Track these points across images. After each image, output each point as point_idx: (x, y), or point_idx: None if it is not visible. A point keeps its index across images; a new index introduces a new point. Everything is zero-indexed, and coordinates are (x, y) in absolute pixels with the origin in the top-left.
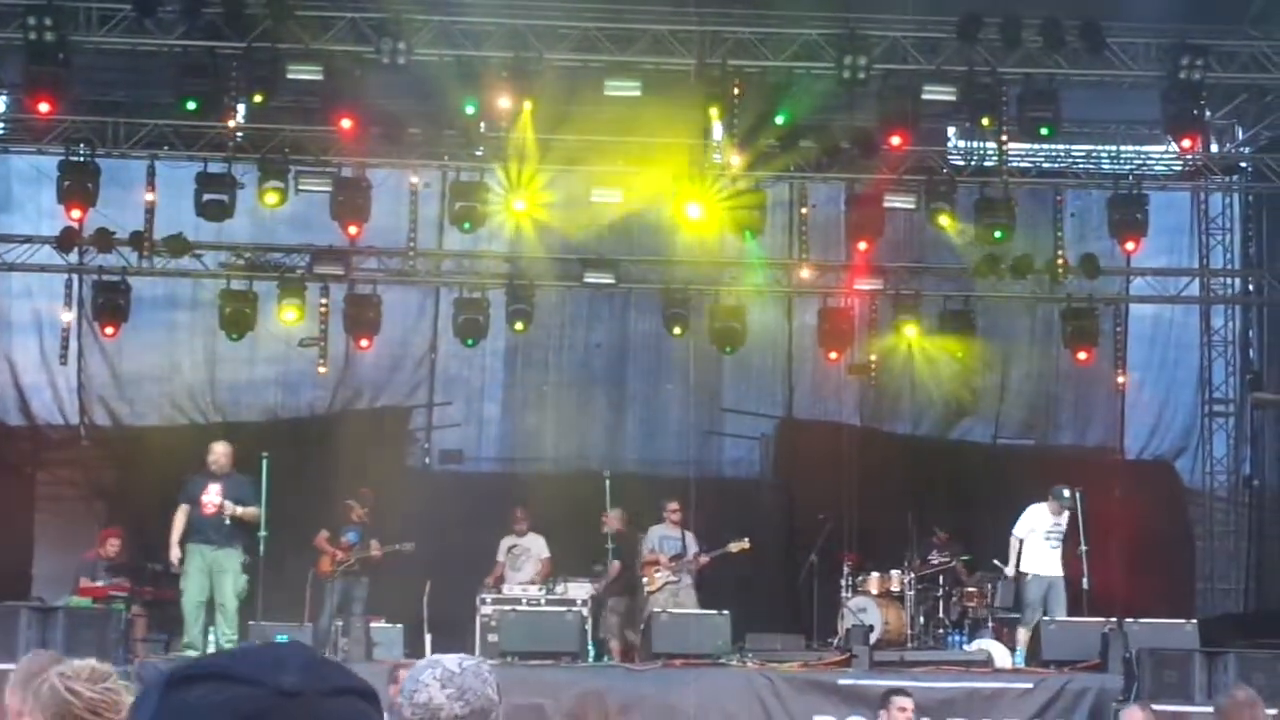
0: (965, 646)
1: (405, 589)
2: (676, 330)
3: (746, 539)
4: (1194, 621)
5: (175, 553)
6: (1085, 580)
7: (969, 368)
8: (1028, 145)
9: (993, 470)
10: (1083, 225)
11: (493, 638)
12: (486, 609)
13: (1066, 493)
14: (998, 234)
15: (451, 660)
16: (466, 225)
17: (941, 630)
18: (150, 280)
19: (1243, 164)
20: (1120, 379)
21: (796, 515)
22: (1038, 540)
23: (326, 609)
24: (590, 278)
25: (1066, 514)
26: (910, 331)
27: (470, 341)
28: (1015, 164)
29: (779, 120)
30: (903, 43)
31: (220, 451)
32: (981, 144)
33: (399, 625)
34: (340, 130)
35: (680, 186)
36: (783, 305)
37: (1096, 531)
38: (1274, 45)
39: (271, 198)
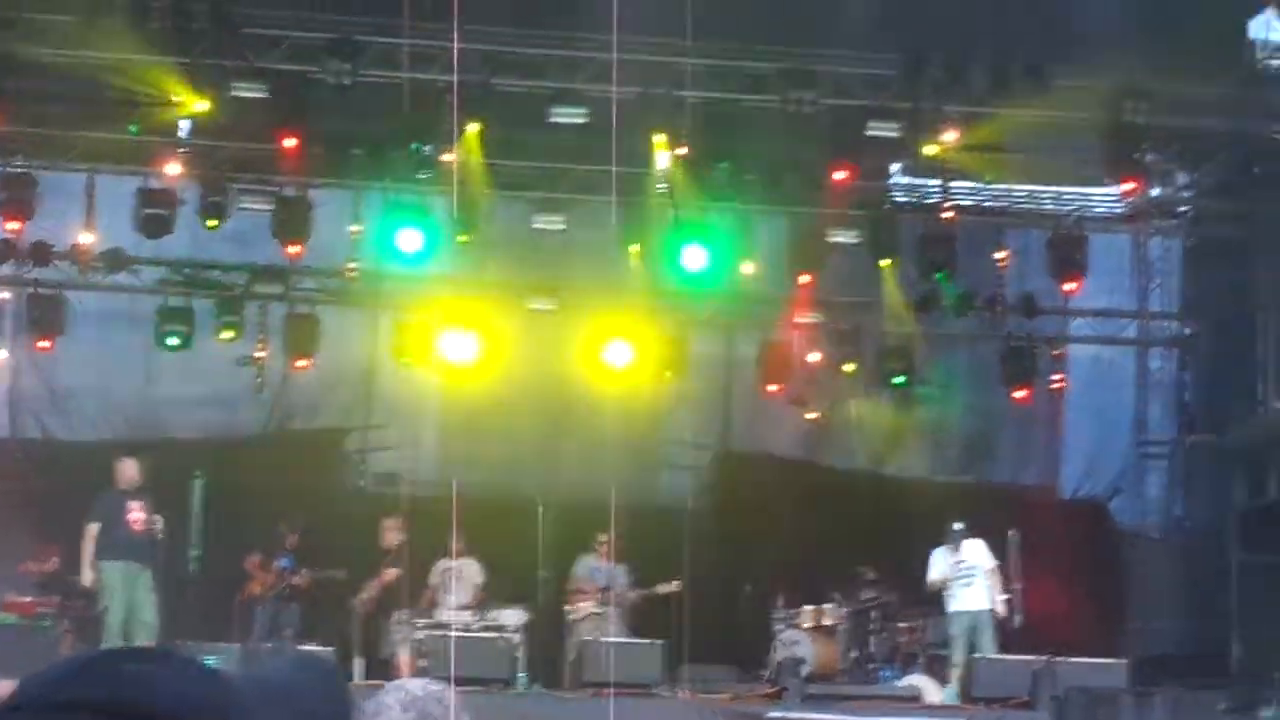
0: (896, 682)
1: (337, 613)
2: (616, 358)
3: (676, 581)
4: (1124, 661)
5: (90, 575)
6: (1018, 618)
7: (906, 402)
8: (970, 183)
9: (929, 506)
10: (1023, 264)
11: (423, 663)
12: (418, 633)
13: (957, 527)
14: (938, 275)
15: (416, 685)
16: (408, 248)
17: (873, 665)
18: (87, 294)
19: (1183, 208)
20: (1057, 418)
21: (733, 547)
22: (962, 575)
23: (255, 632)
24: (532, 303)
25: (968, 546)
26: (848, 366)
27: (408, 363)
28: (958, 202)
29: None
30: (849, 78)
31: (132, 468)
32: (925, 180)
33: (330, 649)
34: (283, 149)
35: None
36: (723, 336)
37: (1030, 569)
38: (1215, 90)
39: (211, 220)
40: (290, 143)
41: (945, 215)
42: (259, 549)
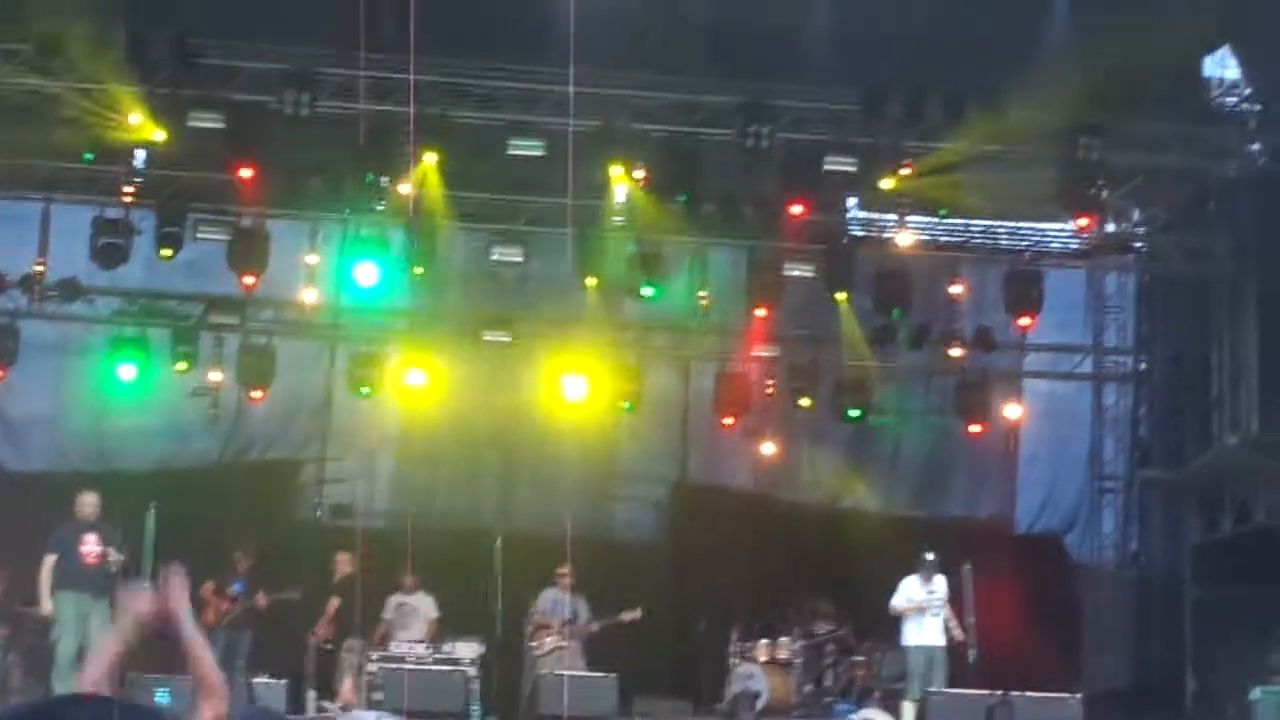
0: (851, 716)
1: (290, 644)
2: (573, 390)
3: (639, 608)
4: (1079, 696)
5: (47, 605)
6: (972, 652)
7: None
8: (926, 218)
9: (884, 540)
10: (979, 299)
11: (378, 696)
12: (372, 665)
13: (930, 557)
14: (895, 312)
15: (369, 716)
16: (365, 280)
17: (828, 699)
18: (41, 324)
19: (1138, 244)
20: (1012, 453)
21: (689, 580)
22: (915, 611)
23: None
24: (488, 336)
25: (939, 579)
26: (804, 400)
27: (363, 393)
28: (914, 236)
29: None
30: (807, 113)
31: (91, 501)
32: (881, 215)
33: (283, 681)
34: (240, 179)
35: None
36: (680, 369)
37: (985, 604)
38: (1171, 128)
39: (166, 250)
40: (247, 173)
41: (902, 250)
42: (212, 577)
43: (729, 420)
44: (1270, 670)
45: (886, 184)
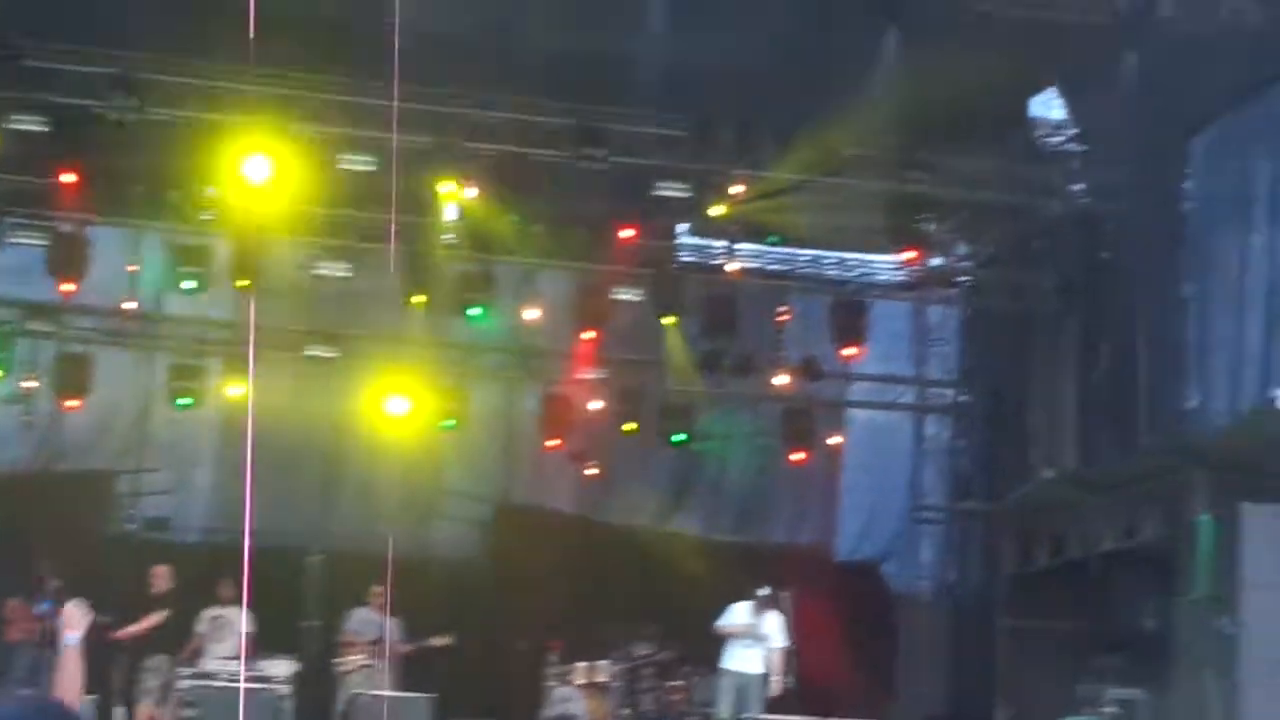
0: None
1: (100, 661)
2: (396, 408)
3: (450, 635)
4: None
5: None
6: (789, 678)
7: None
8: (755, 246)
9: (706, 565)
10: (805, 328)
11: (189, 713)
12: (183, 682)
13: (765, 592)
14: (719, 338)
15: None
16: (188, 289)
17: None
18: None
19: (962, 278)
20: (834, 481)
21: (509, 600)
22: (740, 635)
23: (14, 676)
24: (312, 351)
25: (769, 615)
26: (629, 424)
27: (182, 405)
28: (742, 264)
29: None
30: (639, 137)
31: None
32: (710, 242)
33: (93, 697)
34: (62, 184)
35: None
36: (506, 389)
37: (803, 630)
38: (997, 165)
39: None
40: (69, 178)
41: (730, 276)
42: (20, 593)
43: (554, 442)
44: (1079, 700)
45: (716, 211)
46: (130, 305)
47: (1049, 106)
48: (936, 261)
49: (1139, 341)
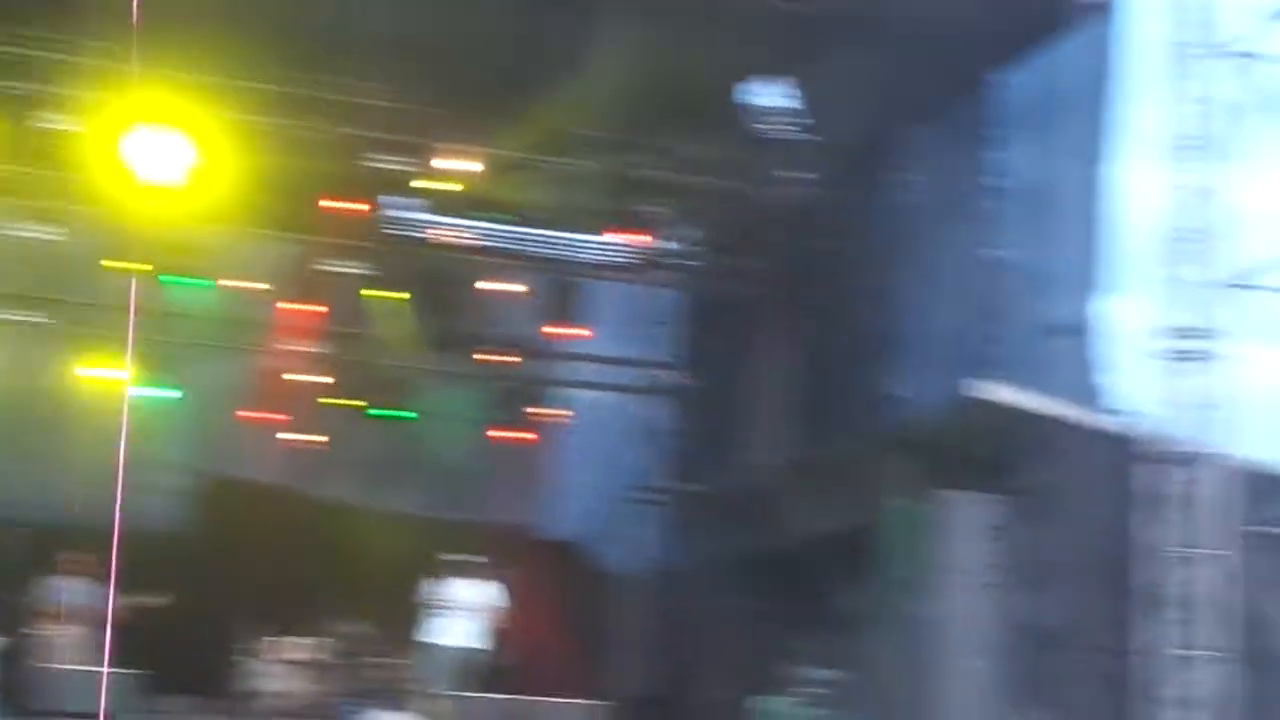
0: (370, 717)
1: None
2: (102, 376)
3: (161, 596)
4: (603, 703)
5: None
6: (501, 657)
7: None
8: (472, 222)
9: (415, 541)
10: (524, 306)
11: None
12: None
13: (474, 564)
14: (437, 313)
15: None
16: None
17: (348, 700)
18: None
19: (685, 262)
20: (547, 461)
21: (213, 574)
22: (445, 612)
23: None
24: (14, 314)
25: (483, 589)
26: (340, 397)
27: None
28: (458, 239)
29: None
30: (353, 107)
31: None
32: (428, 216)
33: None
34: None
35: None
36: (215, 359)
37: (518, 609)
38: (721, 151)
39: None
40: None
41: (444, 251)
42: None
43: (263, 413)
44: (783, 680)
45: (437, 185)
46: None
47: (774, 94)
48: (659, 244)
49: (851, 330)
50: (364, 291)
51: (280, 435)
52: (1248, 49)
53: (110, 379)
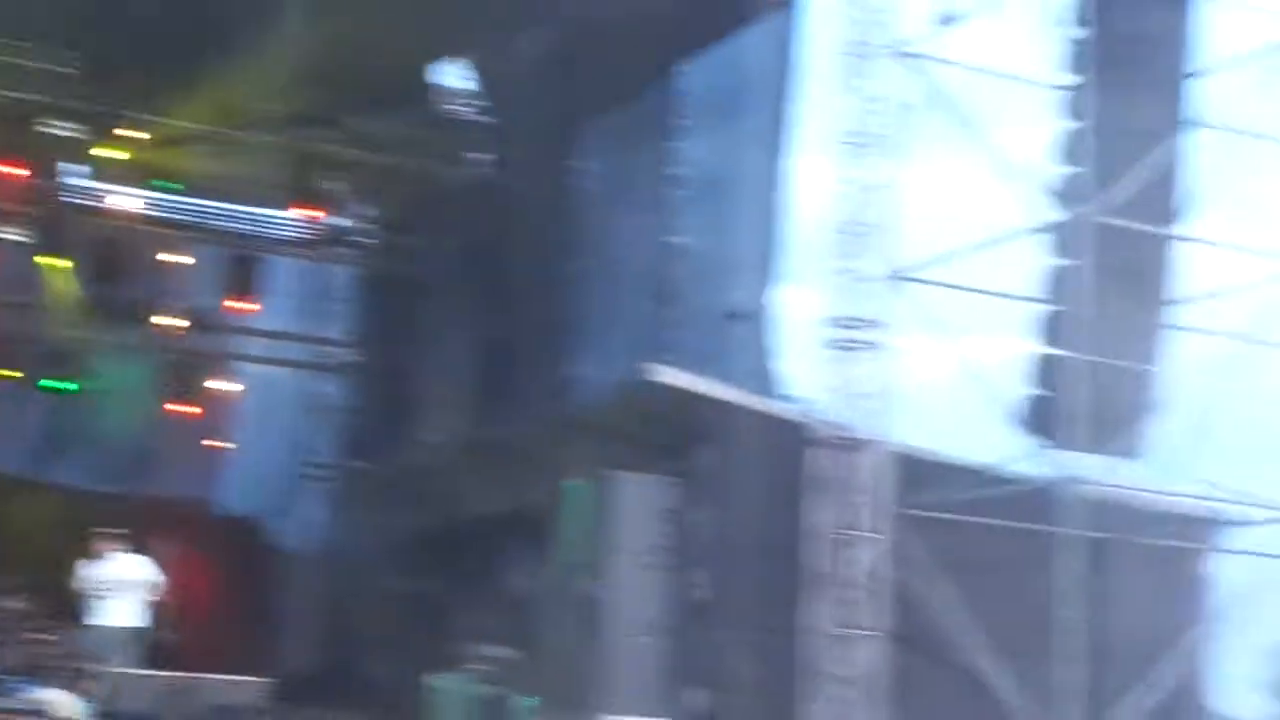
0: (30, 695)
1: None
2: None
3: None
4: (266, 680)
5: None
6: (166, 633)
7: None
8: (149, 193)
9: (80, 515)
10: (198, 279)
11: None
12: None
13: (105, 536)
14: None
15: None
16: None
17: (8, 677)
18: None
19: (361, 239)
20: (218, 435)
21: None
22: (96, 592)
23: None
24: None
25: (137, 560)
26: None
27: None
28: (134, 209)
29: None
30: (26, 71)
31: None
32: (102, 185)
33: None
34: None
35: None
36: None
37: (181, 584)
38: (401, 129)
39: None
40: None
41: (121, 220)
42: None
43: None
44: (453, 658)
45: (109, 153)
46: None
47: (455, 75)
48: (336, 221)
49: (530, 313)
50: (35, 259)
51: None
52: (918, 51)
53: None
